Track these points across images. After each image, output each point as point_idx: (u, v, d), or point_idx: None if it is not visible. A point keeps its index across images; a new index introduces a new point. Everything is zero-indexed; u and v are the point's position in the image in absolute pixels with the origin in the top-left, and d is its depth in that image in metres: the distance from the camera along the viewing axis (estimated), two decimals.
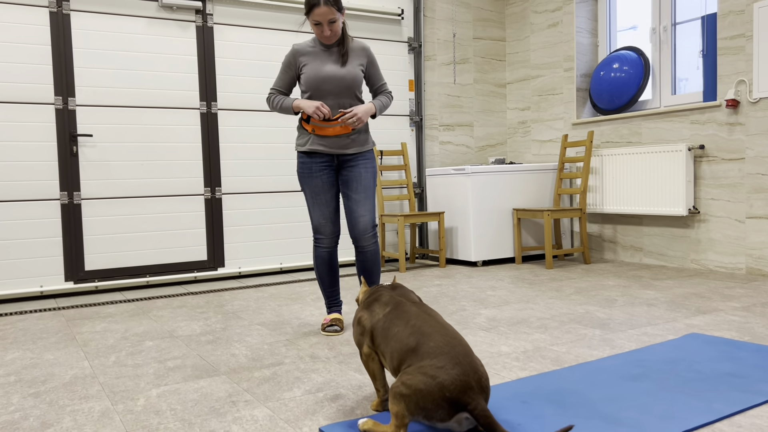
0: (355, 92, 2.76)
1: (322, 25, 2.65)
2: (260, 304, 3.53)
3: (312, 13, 2.63)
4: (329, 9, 2.61)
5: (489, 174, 4.74)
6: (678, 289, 3.56)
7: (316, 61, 2.72)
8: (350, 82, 2.72)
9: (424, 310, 1.68)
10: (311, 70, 2.71)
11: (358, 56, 2.79)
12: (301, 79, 2.76)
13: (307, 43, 2.78)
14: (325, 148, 2.73)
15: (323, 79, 2.69)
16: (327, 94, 2.71)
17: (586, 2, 5.07)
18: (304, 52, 2.75)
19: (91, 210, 4.06)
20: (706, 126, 4.15)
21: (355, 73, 2.74)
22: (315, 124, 2.71)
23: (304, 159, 2.77)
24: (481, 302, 3.37)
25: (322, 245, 2.84)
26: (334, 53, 2.75)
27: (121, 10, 4.10)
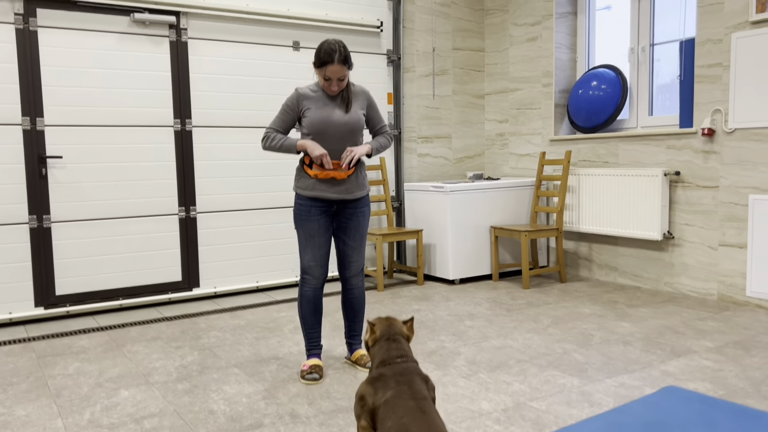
0: (358, 136, 2.78)
1: (331, 81, 2.68)
2: (237, 337, 3.49)
3: (324, 68, 2.65)
4: (341, 67, 2.65)
5: (467, 192, 4.73)
6: (652, 320, 3.61)
7: (319, 106, 2.72)
8: (353, 127, 2.75)
9: (421, 407, 1.66)
10: (315, 115, 2.70)
11: (359, 100, 2.81)
12: (303, 122, 2.76)
13: (310, 87, 2.79)
14: (327, 194, 2.73)
15: (327, 124, 2.70)
16: (330, 138, 2.72)
17: (565, 17, 5.05)
18: (307, 97, 2.75)
19: (61, 233, 3.95)
20: (682, 152, 4.18)
21: (358, 118, 2.76)
22: (318, 170, 2.71)
23: (303, 201, 2.76)
24: (460, 336, 3.37)
25: (309, 285, 2.83)
26: (337, 98, 2.77)
27: (91, 25, 3.96)
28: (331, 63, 2.63)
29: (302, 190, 2.76)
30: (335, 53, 2.64)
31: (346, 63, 2.66)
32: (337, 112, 2.73)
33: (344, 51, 2.67)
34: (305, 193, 2.75)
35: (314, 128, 2.71)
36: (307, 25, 4.70)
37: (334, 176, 2.72)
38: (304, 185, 2.76)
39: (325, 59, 2.64)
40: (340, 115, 2.72)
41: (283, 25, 4.62)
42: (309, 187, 2.74)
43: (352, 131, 2.74)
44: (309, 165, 2.75)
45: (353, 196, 2.78)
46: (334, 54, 2.64)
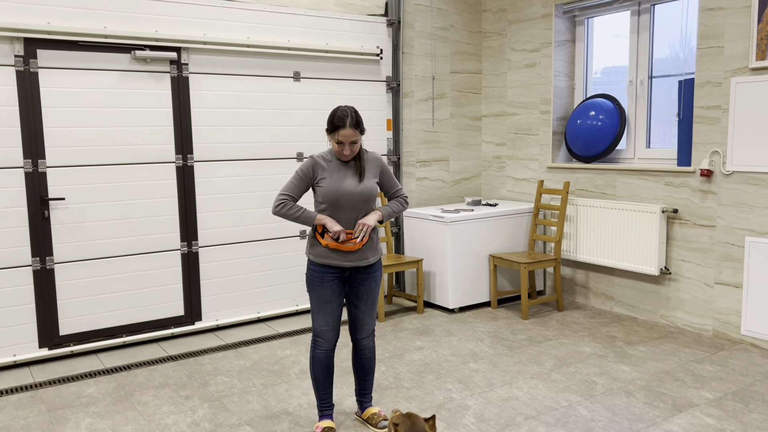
0: (371, 205, 2.81)
1: (343, 145, 2.71)
2: (245, 384, 3.52)
3: (337, 133, 2.69)
4: (354, 131, 2.69)
5: (468, 222, 4.77)
6: (651, 362, 3.70)
7: (334, 175, 2.75)
8: (367, 197, 2.78)
9: None
10: (330, 185, 2.73)
11: (372, 168, 2.84)
12: (317, 191, 2.78)
13: (324, 155, 2.81)
14: (341, 262, 2.76)
15: (341, 194, 2.73)
16: (344, 207, 2.75)
17: (563, 45, 5.08)
18: (322, 166, 2.77)
19: (64, 274, 3.94)
20: (679, 189, 4.25)
21: (372, 187, 2.79)
22: (330, 240, 2.73)
23: (316, 268, 2.79)
24: (466, 384, 3.44)
25: (321, 348, 2.87)
26: (351, 167, 2.79)
27: (92, 64, 3.92)
28: (343, 127, 2.67)
29: (315, 257, 2.79)
30: (347, 118, 2.68)
31: (357, 127, 2.70)
32: (350, 182, 2.75)
33: (356, 116, 2.71)
34: (318, 260, 2.77)
35: (328, 198, 2.73)
36: (308, 55, 4.69)
37: (351, 249, 2.75)
38: (316, 252, 2.78)
39: (338, 124, 2.68)
40: (353, 184, 2.75)
41: (283, 56, 4.60)
42: (322, 255, 2.77)
43: (366, 201, 2.77)
44: (321, 234, 2.77)
45: (367, 262, 2.82)
46: (346, 119, 2.67)
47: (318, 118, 4.79)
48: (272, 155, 4.62)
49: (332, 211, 2.76)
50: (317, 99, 4.77)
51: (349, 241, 2.75)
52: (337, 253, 2.76)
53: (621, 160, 4.84)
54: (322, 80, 4.78)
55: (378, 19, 5.01)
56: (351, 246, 2.75)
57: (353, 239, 2.75)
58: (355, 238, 2.75)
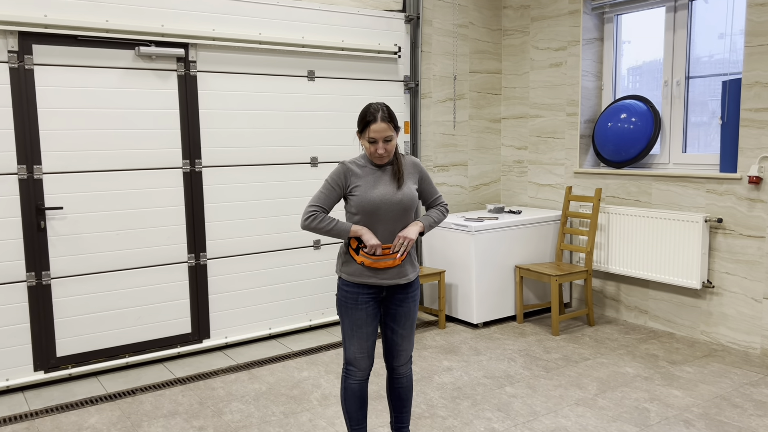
0: (410, 215, 2.50)
1: (377, 143, 2.41)
2: (262, 412, 3.21)
3: (368, 129, 2.40)
4: (387, 125, 2.39)
5: (493, 231, 4.48)
6: (702, 385, 3.42)
7: (369, 182, 2.45)
8: (407, 206, 2.47)
9: None
10: (364, 193, 2.43)
11: (411, 174, 2.54)
12: (350, 201, 2.47)
13: (357, 161, 2.50)
14: (378, 280, 2.46)
15: (378, 203, 2.42)
16: (381, 218, 2.44)
17: (592, 44, 4.80)
18: (354, 172, 2.47)
19: (61, 290, 3.61)
20: (723, 197, 3.98)
21: (412, 194, 2.48)
22: (366, 257, 2.43)
23: (350, 288, 2.48)
24: (507, 412, 3.14)
25: (354, 378, 2.56)
26: (387, 173, 2.48)
27: (93, 61, 3.59)
28: (374, 121, 2.38)
29: (349, 276, 2.48)
30: (378, 112, 2.39)
31: (391, 121, 2.40)
32: (388, 189, 2.44)
33: (388, 110, 2.41)
34: (353, 279, 2.46)
35: (363, 208, 2.43)
36: (323, 53, 4.38)
37: (382, 266, 2.45)
38: (350, 270, 2.48)
39: (369, 119, 2.39)
40: (391, 192, 2.44)
41: (297, 54, 4.29)
42: (357, 273, 2.46)
43: (406, 210, 2.46)
44: (356, 250, 2.46)
45: (407, 279, 2.51)
46: (377, 113, 2.39)
47: (333, 120, 4.48)
48: (285, 160, 4.31)
49: (368, 223, 2.45)
50: (332, 100, 4.46)
51: (387, 257, 2.44)
52: (372, 270, 2.46)
53: (654, 166, 4.57)
54: (337, 80, 4.47)
55: (396, 15, 4.71)
56: (390, 262, 2.45)
57: (391, 254, 2.44)
58: (395, 252, 2.44)
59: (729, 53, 4.12)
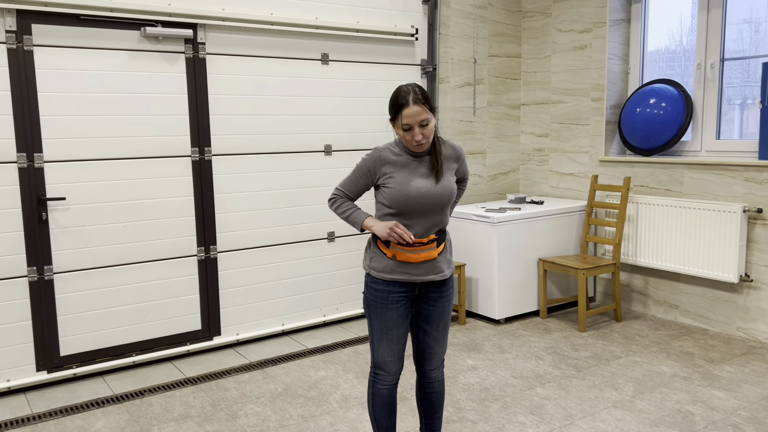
0: (448, 209, 2.29)
1: (412, 129, 2.16)
2: (280, 415, 3.01)
3: (400, 115, 2.15)
4: (421, 108, 2.14)
5: (516, 222, 4.26)
6: (746, 386, 3.22)
7: (404, 173, 2.22)
8: (445, 201, 2.25)
9: None
10: (399, 185, 2.20)
11: (450, 163, 2.31)
12: (383, 192, 2.24)
13: (391, 147, 2.26)
14: (412, 276, 2.24)
15: (414, 197, 2.20)
16: (416, 212, 2.22)
17: (618, 25, 4.56)
18: (388, 161, 2.24)
19: (65, 285, 3.41)
20: (764, 186, 3.76)
21: (451, 188, 2.26)
22: (397, 249, 2.22)
23: (379, 286, 2.26)
24: (540, 416, 2.94)
25: (383, 383, 2.36)
26: (425, 162, 2.25)
27: (96, 42, 3.38)
28: (406, 105, 2.14)
29: (379, 273, 2.26)
30: (409, 94, 2.15)
31: (425, 103, 2.15)
32: (425, 181, 2.21)
33: (420, 90, 2.18)
34: (384, 276, 2.25)
35: (398, 203, 2.20)
36: (337, 35, 4.15)
37: (425, 258, 2.23)
38: (380, 266, 2.26)
39: (401, 102, 2.15)
40: (429, 185, 2.21)
41: (310, 36, 4.06)
42: (388, 269, 2.25)
43: (443, 205, 2.25)
44: (386, 242, 2.25)
45: (443, 275, 2.30)
46: (409, 95, 2.15)
47: (347, 106, 4.26)
48: (298, 148, 4.09)
49: (401, 217, 2.23)
50: (347, 85, 4.24)
51: (422, 248, 2.22)
52: (405, 265, 2.24)
53: (685, 153, 4.34)
54: (351, 63, 4.25)
55: None
56: (424, 254, 2.23)
57: (426, 245, 2.22)
58: (432, 242, 2.23)
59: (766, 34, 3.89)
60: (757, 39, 4.00)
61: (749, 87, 4.07)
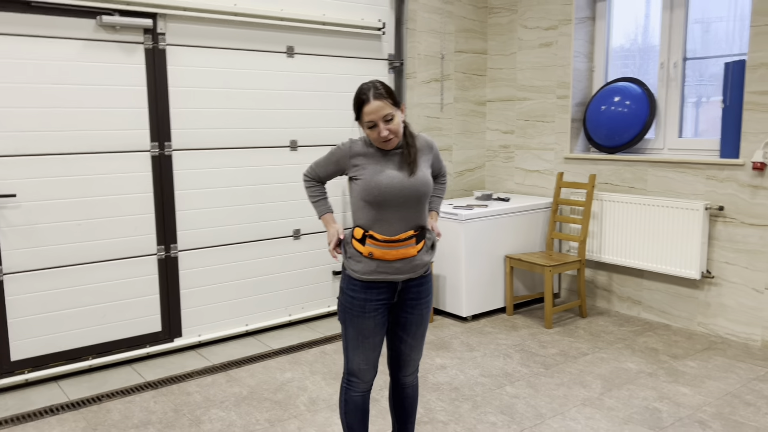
0: (425, 203, 2.21)
1: (377, 126, 2.09)
2: (246, 420, 2.92)
3: (362, 113, 2.09)
4: (383, 103, 2.07)
5: (483, 219, 4.25)
6: (710, 382, 3.26)
7: (376, 165, 2.15)
8: (421, 193, 2.17)
9: None
10: (370, 178, 2.13)
11: (425, 155, 2.24)
12: (354, 186, 2.18)
13: (366, 140, 2.20)
14: (387, 276, 2.16)
15: (385, 190, 2.12)
16: (390, 206, 2.14)
17: (584, 23, 4.58)
18: (360, 152, 2.18)
19: (15, 287, 3.24)
20: (724, 184, 3.83)
21: (426, 181, 2.19)
22: (372, 247, 2.14)
23: (357, 294, 2.17)
24: (511, 415, 2.92)
25: (357, 390, 2.29)
26: (397, 155, 2.18)
27: (49, 31, 3.20)
28: (367, 101, 2.07)
29: (362, 274, 2.16)
30: (370, 90, 2.09)
31: (387, 97, 2.08)
32: (397, 174, 2.14)
33: (382, 85, 2.11)
34: (364, 277, 2.17)
35: (370, 195, 2.13)
36: (303, 27, 4.05)
37: (402, 255, 2.16)
38: (359, 267, 2.17)
39: (362, 98, 2.09)
40: (402, 178, 2.14)
41: (275, 28, 3.95)
42: (368, 270, 2.16)
43: (419, 199, 2.17)
44: (361, 240, 2.17)
45: (421, 271, 2.22)
46: (369, 91, 2.08)
47: (313, 100, 4.17)
48: (262, 143, 3.98)
49: (376, 212, 2.15)
50: (312, 79, 4.14)
51: (399, 244, 2.13)
52: (384, 264, 2.16)
53: (649, 151, 4.39)
54: (317, 57, 4.15)
55: None
56: (402, 251, 2.13)
57: (402, 242, 2.14)
58: (410, 239, 2.16)
59: (730, 34, 3.96)
60: (707, 39, 4.07)
61: (703, 86, 4.14)
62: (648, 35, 4.43)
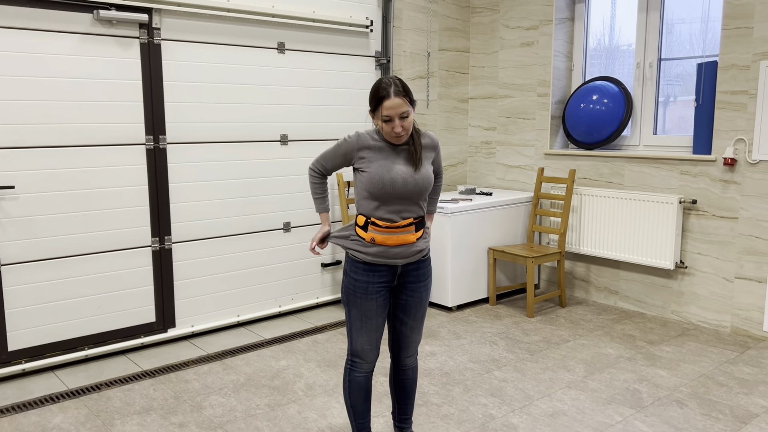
0: (425, 196, 2.34)
1: (392, 121, 2.21)
2: (246, 405, 3.01)
3: (381, 106, 2.19)
4: (402, 101, 2.19)
5: (468, 213, 4.39)
6: (684, 365, 3.46)
7: (383, 159, 2.27)
8: (422, 188, 2.30)
9: None
10: (378, 171, 2.25)
11: (428, 152, 2.38)
12: (360, 178, 2.30)
13: (372, 134, 2.31)
14: (389, 260, 2.30)
15: (391, 184, 2.25)
16: (394, 198, 2.27)
17: (563, 23, 4.75)
18: (367, 145, 2.29)
19: (13, 278, 3.27)
20: (697, 179, 4.03)
21: (429, 177, 2.32)
22: (374, 233, 2.27)
23: (359, 276, 2.30)
24: (501, 397, 3.07)
25: (360, 371, 2.41)
26: (403, 151, 2.30)
27: (46, 24, 3.24)
28: (387, 97, 2.18)
29: (365, 256, 2.29)
30: (391, 86, 2.20)
31: (406, 95, 2.21)
32: (403, 169, 2.27)
33: (401, 83, 2.24)
34: (368, 259, 2.29)
35: (375, 187, 2.25)
36: (293, 24, 4.14)
37: (402, 241, 2.29)
38: (364, 252, 2.30)
39: (382, 94, 2.20)
40: (407, 173, 2.27)
41: (267, 24, 4.03)
42: (371, 254, 2.29)
43: (421, 193, 2.31)
44: (363, 227, 2.30)
45: (419, 257, 2.35)
46: (390, 87, 2.20)
47: (304, 96, 4.26)
48: (254, 138, 4.06)
49: (379, 203, 2.27)
50: (303, 74, 4.23)
51: (398, 230, 2.27)
52: (384, 250, 2.28)
53: (625, 147, 4.59)
54: (307, 53, 4.24)
55: None
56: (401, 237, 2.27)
57: (400, 228, 2.28)
58: (409, 226, 2.30)
59: (703, 36, 4.16)
60: (671, 41, 4.28)
61: (671, 86, 4.35)
62: (623, 36, 4.62)
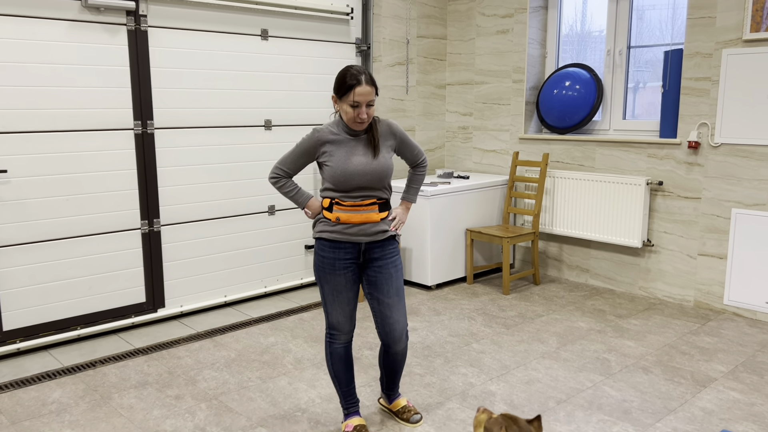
0: (386, 181, 2.48)
1: (360, 107, 2.34)
2: (238, 378, 3.16)
3: (352, 92, 2.32)
4: (371, 89, 2.34)
5: (447, 195, 4.56)
6: (650, 336, 3.69)
7: (342, 151, 2.41)
8: (382, 175, 2.44)
9: None
10: (338, 163, 2.39)
11: (387, 140, 2.50)
12: (323, 170, 2.44)
13: (329, 128, 2.44)
14: (352, 237, 2.44)
15: (352, 173, 2.39)
16: (355, 188, 2.41)
17: (537, 11, 4.92)
18: (327, 140, 2.42)
19: (6, 260, 3.36)
20: (663, 161, 4.25)
21: (387, 164, 2.46)
22: (341, 212, 2.42)
23: (326, 253, 2.45)
24: (479, 367, 3.26)
25: (339, 342, 2.57)
26: (362, 141, 2.44)
27: (35, 11, 3.30)
28: (358, 84, 2.32)
29: (323, 234, 2.45)
30: (362, 75, 2.34)
31: (373, 85, 2.36)
32: (362, 159, 2.41)
33: (370, 73, 2.40)
34: (332, 236, 2.43)
35: (338, 178, 2.39)
36: (276, 11, 4.24)
37: (365, 219, 2.43)
38: (325, 229, 2.46)
39: (352, 82, 2.32)
40: (366, 162, 2.41)
41: (250, 12, 4.13)
42: (335, 232, 2.44)
43: (381, 178, 2.44)
44: (329, 208, 2.45)
45: (380, 236, 2.48)
46: (361, 75, 2.33)
47: (286, 81, 4.37)
48: (238, 123, 4.17)
49: (343, 194, 2.43)
50: (285, 61, 4.34)
51: (361, 209, 2.42)
52: (349, 228, 2.43)
53: (596, 131, 4.79)
54: (290, 40, 4.35)
55: None
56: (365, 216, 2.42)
57: (363, 207, 2.43)
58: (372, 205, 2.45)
59: (670, 24, 4.37)
60: (641, 27, 4.48)
61: (640, 72, 4.56)
62: (595, 23, 4.81)
